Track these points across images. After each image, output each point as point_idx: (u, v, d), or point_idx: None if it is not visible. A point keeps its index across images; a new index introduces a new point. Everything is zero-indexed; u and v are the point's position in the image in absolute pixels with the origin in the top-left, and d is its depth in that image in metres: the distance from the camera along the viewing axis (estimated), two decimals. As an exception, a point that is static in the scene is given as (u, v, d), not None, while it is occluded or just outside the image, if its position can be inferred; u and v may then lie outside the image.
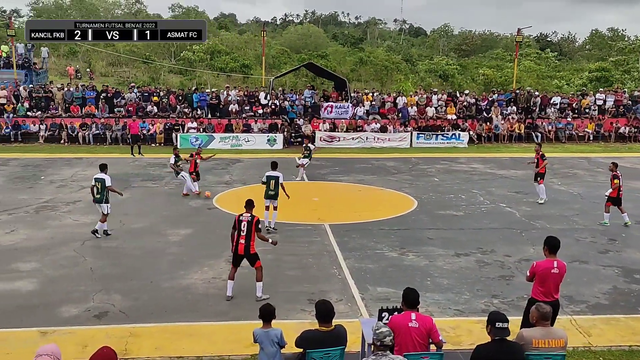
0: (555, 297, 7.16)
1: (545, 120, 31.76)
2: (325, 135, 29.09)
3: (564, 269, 7.18)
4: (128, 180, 19.46)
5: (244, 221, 9.26)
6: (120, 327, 8.36)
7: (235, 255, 9.33)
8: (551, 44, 71.63)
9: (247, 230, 9.18)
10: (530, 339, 5.45)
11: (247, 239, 9.19)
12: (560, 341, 5.55)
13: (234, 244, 9.31)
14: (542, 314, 5.60)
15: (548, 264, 7.11)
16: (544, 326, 5.58)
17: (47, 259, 11.33)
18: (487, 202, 16.97)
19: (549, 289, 7.10)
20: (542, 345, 5.46)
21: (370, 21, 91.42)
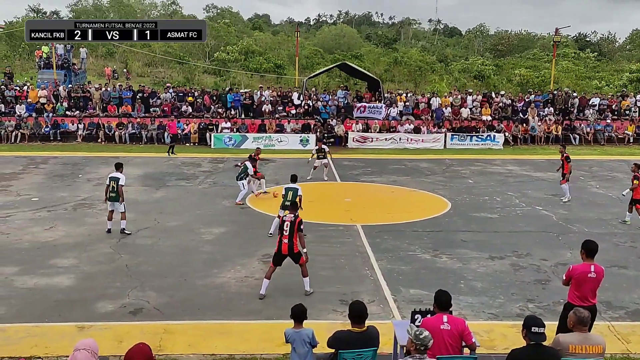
0: (593, 302, 6.98)
1: (583, 122, 30.98)
2: (358, 135, 29.03)
3: (602, 274, 6.99)
4: (163, 179, 19.82)
5: (287, 221, 9.48)
6: (154, 323, 8.50)
7: (279, 254, 9.50)
8: (590, 44, 69.75)
9: (289, 230, 9.39)
10: (567, 344, 5.32)
11: (289, 238, 9.39)
12: (599, 347, 5.39)
13: (278, 243, 9.49)
14: (579, 318, 5.46)
15: (585, 267, 6.94)
16: (582, 331, 5.43)
17: (84, 255, 11.61)
18: (523, 205, 16.64)
19: (586, 293, 6.93)
20: (580, 351, 5.32)
21: (404, 21, 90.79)
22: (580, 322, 5.44)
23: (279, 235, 9.54)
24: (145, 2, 66.79)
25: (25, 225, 13.73)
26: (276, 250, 9.56)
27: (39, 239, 12.64)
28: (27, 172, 20.76)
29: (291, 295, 9.41)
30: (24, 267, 10.79)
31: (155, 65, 49.25)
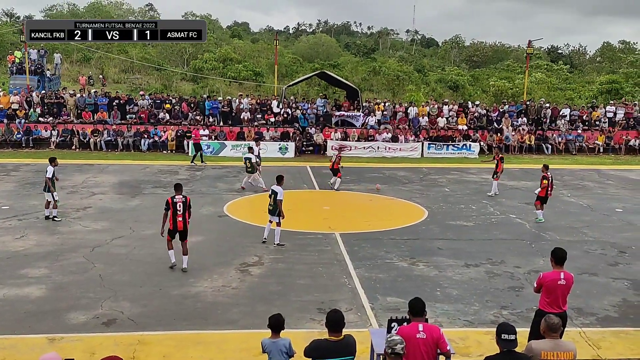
0: (563, 308, 7.11)
1: (555, 132, 31.63)
2: (337, 144, 29.11)
3: (572, 281, 7.14)
4: (139, 187, 19.59)
5: (179, 202, 11.06)
6: (128, 334, 8.37)
7: (175, 230, 11.06)
8: (562, 56, 71.40)
9: (182, 209, 11.02)
10: (539, 350, 5.40)
11: (183, 216, 11.04)
12: (570, 354, 5.49)
13: (172, 222, 11.00)
14: (550, 325, 5.56)
15: (555, 275, 7.08)
16: (553, 338, 5.53)
17: (56, 265, 11.40)
18: (497, 213, 16.88)
19: (556, 300, 7.08)
20: (552, 357, 5.41)
21: (382, 31, 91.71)
22: (551, 329, 5.54)
23: (171, 215, 10.97)
24: (123, 7, 66.22)
25: (-5, 234, 13.42)
26: (171, 227, 11.03)
27: (8, 249, 12.37)
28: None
29: (269, 304, 9.38)
30: (-6, 277, 10.54)
31: (133, 71, 48.75)
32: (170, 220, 11.05)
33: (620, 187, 21.76)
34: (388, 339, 5.13)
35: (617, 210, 17.56)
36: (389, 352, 5.04)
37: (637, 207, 18.08)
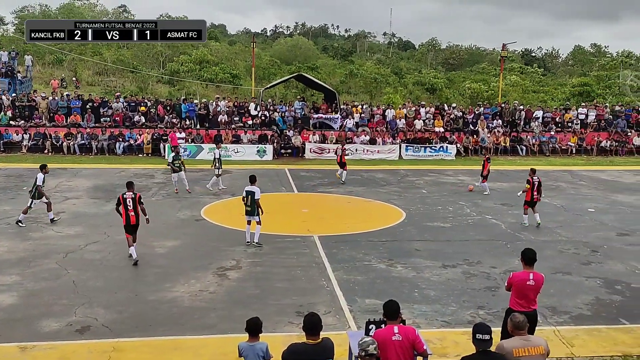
0: (533, 307, 7.20)
1: (529, 134, 32.15)
2: (315, 146, 29.14)
3: (541, 281, 7.23)
4: (114, 191, 19.25)
5: (129, 198, 11.77)
6: (103, 341, 8.22)
7: (129, 225, 11.78)
8: (535, 59, 72.75)
9: (132, 205, 11.73)
10: (510, 349, 5.47)
11: (134, 211, 11.76)
12: (540, 348, 5.58)
13: (125, 217, 11.71)
14: (515, 323, 5.65)
15: (524, 275, 7.18)
16: (521, 335, 5.62)
17: (28, 271, 11.14)
18: (474, 214, 17.06)
19: (526, 299, 7.17)
20: (523, 353, 5.49)
21: (359, 34, 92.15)
22: (517, 327, 5.64)
23: (124, 210, 11.69)
24: (96, 9, 65.30)
25: (-35, 241, 13.07)
26: (124, 223, 11.76)
27: (-21, 255, 12.05)
28: (-32, 185, 19.81)
29: (247, 308, 9.30)
30: (-37, 285, 10.26)
31: (107, 74, 48.07)
32: (124, 215, 11.71)
33: (592, 187, 22.21)
34: (360, 342, 5.17)
35: (590, 210, 17.91)
36: (362, 354, 5.07)
37: (609, 207, 18.48)
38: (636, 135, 32.69)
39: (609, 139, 32.37)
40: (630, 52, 59.13)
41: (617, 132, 32.75)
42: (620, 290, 10.80)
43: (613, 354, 8.14)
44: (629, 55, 58.08)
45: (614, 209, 18.16)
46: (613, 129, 32.98)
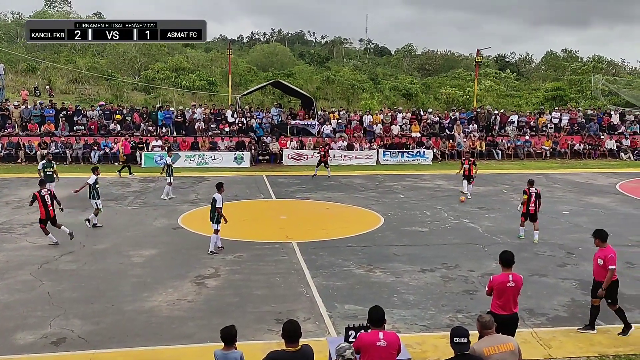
0: (514, 310, 7.31)
1: (504, 138, 32.65)
2: (293, 153, 29.14)
3: (520, 282, 7.35)
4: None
5: (46, 194, 13.46)
6: (79, 353, 8.07)
7: (48, 218, 13.44)
8: (510, 65, 73.93)
9: (50, 200, 13.44)
10: (481, 349, 5.55)
11: (52, 206, 13.48)
12: (509, 345, 5.66)
13: (44, 212, 13.37)
14: (482, 323, 5.75)
15: (504, 277, 7.28)
16: (489, 334, 5.70)
17: (1, 283, 10.89)
18: (451, 218, 17.23)
19: (507, 302, 7.27)
20: (494, 351, 5.56)
21: (336, 40, 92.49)
22: (485, 327, 5.73)
23: (42, 206, 13.30)
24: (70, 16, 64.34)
25: None
26: (44, 217, 13.40)
27: (-50, 268, 11.74)
28: (-63, 196, 19.31)
29: (225, 316, 9.23)
30: None
31: (81, 82, 47.37)
32: (42, 210, 13.33)
33: (567, 190, 22.62)
34: (337, 347, 5.17)
35: (564, 213, 18.23)
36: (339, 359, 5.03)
37: (583, 210, 18.83)
38: (608, 138, 33.46)
39: (582, 142, 33.07)
40: (600, 56, 60.52)
41: (590, 136, 33.48)
42: (594, 290, 10.98)
43: (590, 355, 8.28)
44: (599, 60, 59.43)
45: (588, 211, 18.52)
46: (586, 132, 33.72)
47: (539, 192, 14.93)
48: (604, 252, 8.72)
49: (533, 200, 14.60)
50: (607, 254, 8.65)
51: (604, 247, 8.70)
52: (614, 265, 8.54)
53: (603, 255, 8.69)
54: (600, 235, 8.78)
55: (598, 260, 8.76)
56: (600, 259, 8.73)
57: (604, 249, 8.74)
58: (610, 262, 8.56)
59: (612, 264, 8.55)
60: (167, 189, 19.54)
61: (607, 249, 8.69)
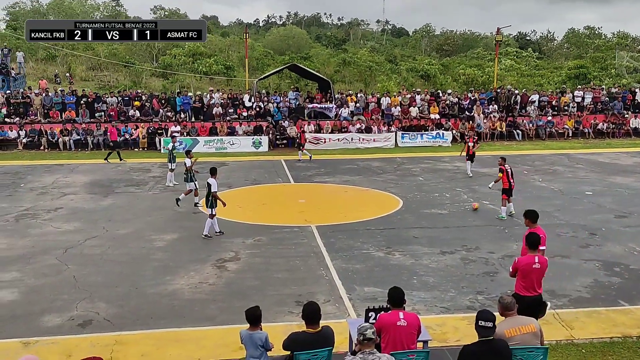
0: (539, 291, 7.27)
1: (525, 118, 32.15)
2: (311, 136, 29.08)
3: (546, 264, 7.30)
4: (111, 186, 19.29)
5: None
6: (105, 335, 8.25)
7: None
8: (530, 43, 72.50)
9: None
10: (502, 331, 5.50)
11: None
12: (530, 326, 5.61)
13: None
14: (504, 305, 5.72)
15: (529, 259, 7.23)
16: (511, 316, 5.67)
17: (28, 268, 11.16)
18: (471, 200, 17.08)
19: (532, 283, 7.22)
20: (515, 333, 5.53)
21: (352, 22, 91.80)
22: (506, 308, 5.69)
23: None
24: (87, 3, 64.72)
25: (-37, 239, 13.07)
26: None
27: (-22, 253, 12.05)
28: (-36, 183, 19.76)
29: (246, 299, 9.33)
30: (-37, 283, 10.27)
31: (100, 68, 47.80)
32: None
33: (590, 170, 22.26)
34: (359, 327, 5.20)
35: (587, 193, 17.97)
36: (361, 339, 5.11)
37: (606, 190, 18.54)
38: (633, 116, 32.74)
39: (605, 121, 32.41)
40: (625, 33, 59.00)
41: (614, 114, 32.78)
42: (618, 272, 10.86)
43: (612, 336, 8.20)
44: (624, 36, 57.94)
45: (612, 191, 18.23)
46: (610, 111, 33.01)
47: (511, 168, 15.27)
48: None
49: (511, 177, 14.91)
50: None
51: (534, 228, 8.11)
52: (544, 246, 8.04)
53: None
54: (531, 215, 8.32)
55: None
56: None
57: (535, 230, 8.20)
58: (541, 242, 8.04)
59: (542, 244, 8.02)
60: (170, 176, 19.50)
61: (537, 229, 8.18)
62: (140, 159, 25.03)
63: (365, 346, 5.09)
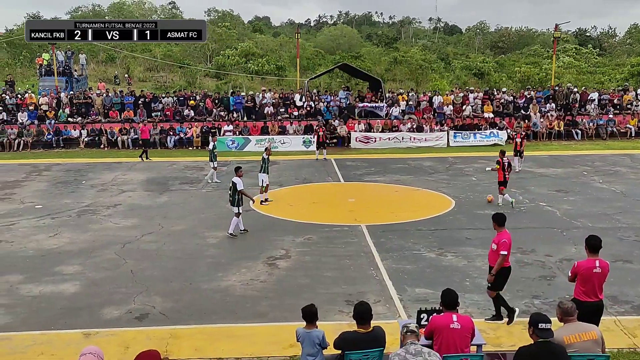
0: (600, 297, 6.97)
1: (585, 117, 30.90)
2: (361, 135, 29.02)
3: (607, 269, 6.99)
4: (166, 184, 19.86)
5: None
6: (160, 328, 8.50)
7: None
8: (590, 39, 69.59)
9: None
10: (561, 337, 5.32)
11: None
12: (592, 333, 5.40)
13: None
14: (564, 310, 5.52)
15: (590, 263, 6.94)
16: (571, 322, 5.46)
17: (89, 261, 11.63)
18: (527, 201, 16.60)
19: (592, 289, 6.93)
20: (575, 340, 5.33)
21: (404, 20, 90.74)
22: (566, 313, 5.49)
23: None
24: (145, 6, 66.92)
25: (29, 233, 13.75)
26: None
27: (43, 247, 12.66)
28: (30, 180, 20.81)
29: (297, 297, 9.41)
30: (29, 275, 10.81)
31: (157, 69, 49.34)
32: None
33: (654, 171, 21.16)
34: (402, 325, 5.31)
35: (651, 196, 17.10)
36: (404, 331, 5.15)
37: (672, 192, 17.57)
38: (701, 115, 30.91)
39: (671, 120, 30.74)
40: (694, 27, 55.72)
41: (681, 113, 31.05)
42: (685, 278, 10.29)
43: (678, 345, 7.79)
44: (693, 31, 54.76)
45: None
46: (676, 109, 31.29)
47: (509, 161, 16.37)
48: (499, 236, 8.24)
49: (507, 169, 15.98)
50: (501, 238, 8.17)
51: (501, 232, 8.19)
52: (506, 250, 8.05)
53: (497, 240, 8.22)
54: (497, 219, 8.33)
55: (492, 245, 8.31)
56: (494, 244, 8.27)
57: (499, 234, 8.24)
58: (502, 247, 8.10)
59: (503, 249, 8.07)
60: (212, 173, 20.04)
61: (502, 233, 8.17)
62: (194, 158, 25.64)
63: (407, 338, 5.13)
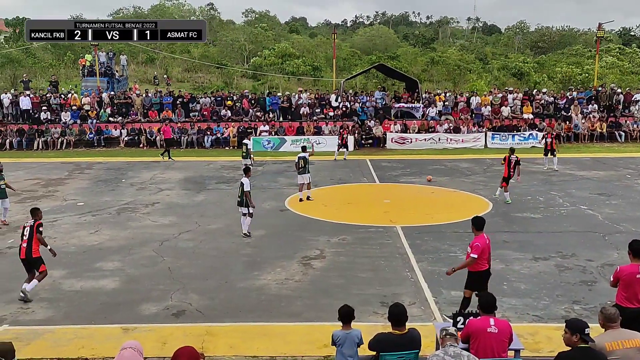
0: None
1: (629, 119, 29.91)
2: (397, 136, 28.83)
3: None
4: (203, 183, 20.16)
5: (27, 226, 9.63)
6: (196, 325, 8.62)
7: (21, 260, 9.60)
8: (635, 39, 67.32)
9: (29, 234, 9.51)
10: (602, 344, 5.15)
11: (28, 242, 9.46)
12: (635, 341, 5.21)
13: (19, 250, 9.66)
14: (606, 316, 5.34)
15: (633, 268, 6.72)
16: (613, 329, 5.28)
17: (128, 258, 11.89)
18: (567, 205, 16.17)
19: (635, 295, 6.71)
20: (617, 347, 5.15)
21: (442, 20, 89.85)
22: (609, 320, 5.32)
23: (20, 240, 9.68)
24: (184, 7, 68.18)
25: (71, 230, 14.17)
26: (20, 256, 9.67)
27: (84, 243, 13.02)
28: (73, 178, 21.44)
29: (331, 297, 9.41)
30: (71, 271, 11.13)
31: (195, 70, 50.19)
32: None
33: None
34: (440, 329, 5.30)
35: (701, 200, 16.42)
36: (443, 334, 5.11)
37: None
38: None
39: None
40: None
41: None
42: None
43: None
44: None
45: None
46: None
47: (518, 159, 16.56)
48: (474, 240, 8.20)
49: (512, 166, 16.35)
50: (475, 242, 8.11)
51: (478, 235, 8.21)
52: (476, 254, 8.03)
53: (471, 243, 8.18)
54: (475, 222, 8.35)
55: (468, 248, 8.28)
56: (469, 247, 8.21)
57: (475, 237, 8.21)
58: (474, 250, 8.07)
59: (474, 252, 8.06)
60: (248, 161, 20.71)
61: (479, 237, 8.15)
62: (230, 157, 25.94)
63: (446, 340, 5.07)
